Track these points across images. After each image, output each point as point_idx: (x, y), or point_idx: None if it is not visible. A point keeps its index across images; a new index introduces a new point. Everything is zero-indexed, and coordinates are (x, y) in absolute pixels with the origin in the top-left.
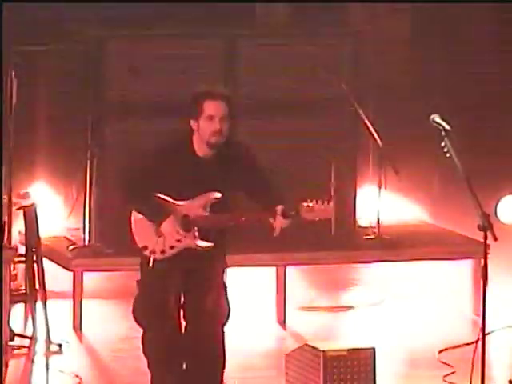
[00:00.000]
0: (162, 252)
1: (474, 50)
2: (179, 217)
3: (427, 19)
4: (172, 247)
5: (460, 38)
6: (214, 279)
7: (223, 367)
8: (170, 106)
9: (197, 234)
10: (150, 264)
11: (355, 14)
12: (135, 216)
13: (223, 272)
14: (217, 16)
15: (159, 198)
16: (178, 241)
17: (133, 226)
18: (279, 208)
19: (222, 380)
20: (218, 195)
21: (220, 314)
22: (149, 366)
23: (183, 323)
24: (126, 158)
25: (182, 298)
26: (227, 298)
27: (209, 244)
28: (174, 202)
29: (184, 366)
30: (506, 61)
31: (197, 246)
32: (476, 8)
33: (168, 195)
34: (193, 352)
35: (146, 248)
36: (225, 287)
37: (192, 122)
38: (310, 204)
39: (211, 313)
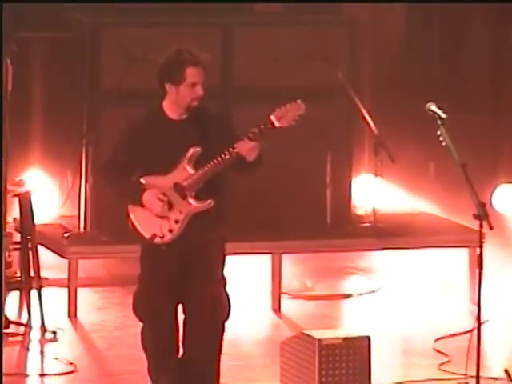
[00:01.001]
0: (170, 231)
1: (471, 38)
2: (171, 187)
3: (424, 8)
4: (177, 221)
5: (457, 28)
6: (213, 272)
7: (219, 359)
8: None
9: (193, 196)
10: (163, 247)
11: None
12: (132, 209)
13: (223, 265)
14: (213, 4)
15: (142, 180)
16: (180, 212)
17: (133, 220)
18: (256, 129)
19: (218, 371)
20: (198, 149)
21: (220, 308)
22: (147, 357)
23: (182, 316)
24: None
25: (181, 292)
26: (227, 293)
27: (208, 202)
28: (159, 176)
29: (181, 352)
30: (504, 49)
31: (197, 208)
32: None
33: (152, 168)
34: (191, 345)
35: (154, 236)
36: (224, 281)
37: (168, 86)
38: (278, 110)
39: (210, 307)
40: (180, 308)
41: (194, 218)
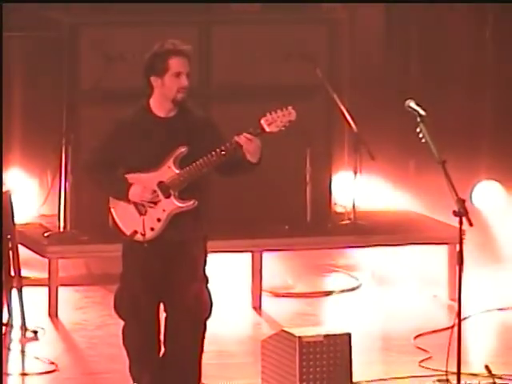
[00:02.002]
0: (152, 229)
1: (449, 36)
2: (155, 185)
3: (403, 6)
4: (159, 220)
5: (436, 26)
6: (195, 270)
7: (200, 357)
8: (144, 92)
9: (177, 195)
10: (145, 245)
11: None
12: (113, 205)
13: (205, 263)
14: (191, 3)
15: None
16: (163, 211)
17: (115, 216)
18: (243, 135)
19: (200, 369)
20: (183, 149)
21: (202, 307)
22: (128, 356)
23: (164, 315)
24: None
25: (163, 290)
26: (209, 292)
27: (192, 202)
28: (144, 174)
29: (162, 352)
30: (482, 48)
31: (180, 207)
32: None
33: (136, 165)
34: (173, 344)
35: (135, 233)
36: (206, 280)
37: (153, 79)
38: (269, 115)
39: (192, 306)
40: (161, 306)
41: (176, 216)
